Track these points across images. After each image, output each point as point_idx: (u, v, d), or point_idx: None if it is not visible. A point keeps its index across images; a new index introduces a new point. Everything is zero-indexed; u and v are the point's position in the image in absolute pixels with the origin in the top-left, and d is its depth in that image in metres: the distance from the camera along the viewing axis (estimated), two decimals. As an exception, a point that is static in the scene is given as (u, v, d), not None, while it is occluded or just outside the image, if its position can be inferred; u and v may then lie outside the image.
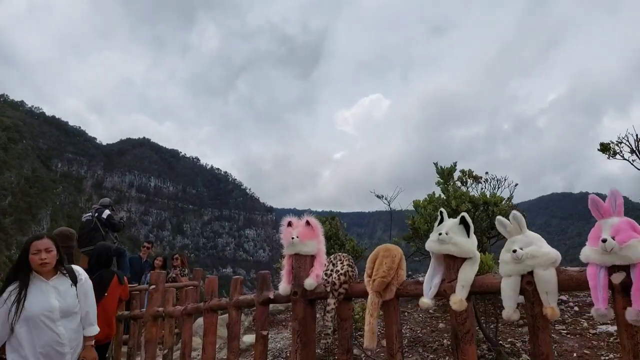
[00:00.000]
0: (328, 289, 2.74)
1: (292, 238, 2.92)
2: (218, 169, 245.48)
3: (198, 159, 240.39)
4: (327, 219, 7.03)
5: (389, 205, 5.21)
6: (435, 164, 4.16)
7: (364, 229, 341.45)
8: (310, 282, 2.84)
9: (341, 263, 2.80)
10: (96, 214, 7.49)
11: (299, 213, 2.99)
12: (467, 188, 4.34)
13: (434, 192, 4.54)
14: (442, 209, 2.42)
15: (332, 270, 2.79)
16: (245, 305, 3.54)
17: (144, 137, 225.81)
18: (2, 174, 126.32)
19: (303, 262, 2.97)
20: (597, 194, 1.81)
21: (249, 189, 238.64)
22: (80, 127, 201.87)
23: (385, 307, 2.54)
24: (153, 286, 4.78)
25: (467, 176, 4.53)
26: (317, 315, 3.05)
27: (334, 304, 2.72)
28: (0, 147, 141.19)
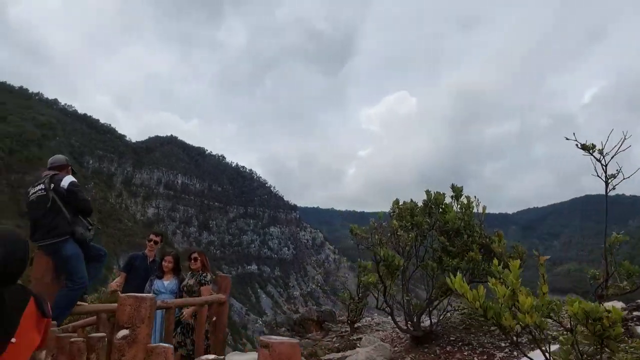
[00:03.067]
0: None
1: None
2: (243, 166, 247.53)
3: (224, 157, 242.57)
4: (455, 189, 5.78)
5: (603, 163, 3.30)
6: None
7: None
8: None
9: None
10: (52, 185, 4.49)
11: (322, 212, 1.99)
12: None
13: None
14: None
15: None
16: None
17: (171, 135, 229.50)
18: (36, 170, 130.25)
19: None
20: (636, 196, 1.23)
21: (273, 187, 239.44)
22: (110, 124, 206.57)
23: None
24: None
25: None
26: None
27: None
28: (35, 144, 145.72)
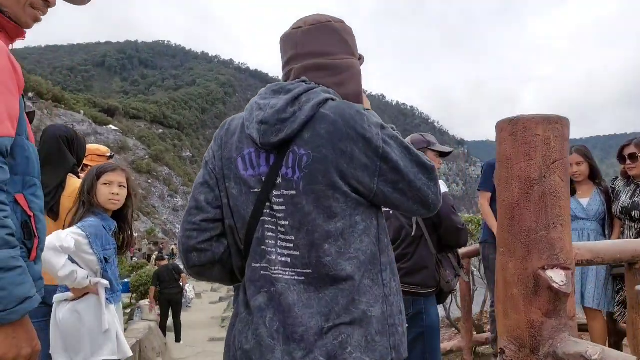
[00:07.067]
0: None
1: None
2: (404, 104, 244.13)
3: (384, 96, 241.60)
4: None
5: None
6: None
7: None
8: None
9: None
10: None
11: (494, 145, 1.19)
12: None
13: None
14: None
15: None
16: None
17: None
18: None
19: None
20: None
21: (437, 122, 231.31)
22: (278, 77, 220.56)
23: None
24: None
25: None
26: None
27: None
28: (220, 102, 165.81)
